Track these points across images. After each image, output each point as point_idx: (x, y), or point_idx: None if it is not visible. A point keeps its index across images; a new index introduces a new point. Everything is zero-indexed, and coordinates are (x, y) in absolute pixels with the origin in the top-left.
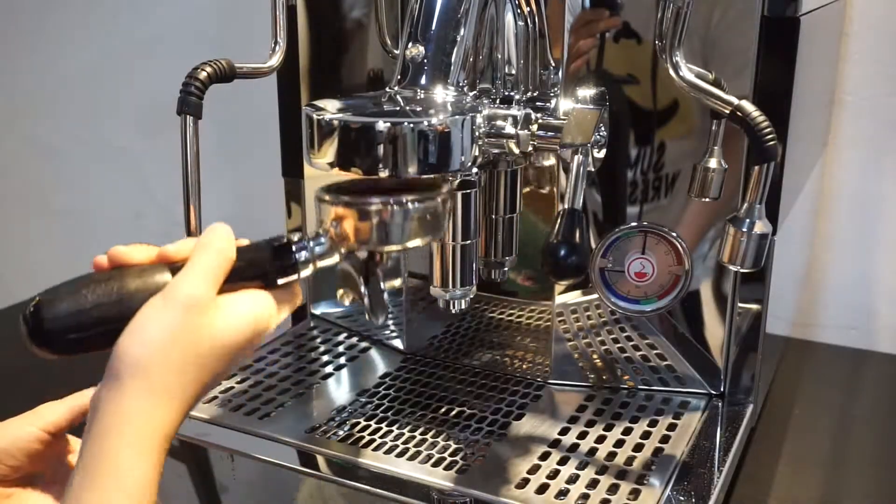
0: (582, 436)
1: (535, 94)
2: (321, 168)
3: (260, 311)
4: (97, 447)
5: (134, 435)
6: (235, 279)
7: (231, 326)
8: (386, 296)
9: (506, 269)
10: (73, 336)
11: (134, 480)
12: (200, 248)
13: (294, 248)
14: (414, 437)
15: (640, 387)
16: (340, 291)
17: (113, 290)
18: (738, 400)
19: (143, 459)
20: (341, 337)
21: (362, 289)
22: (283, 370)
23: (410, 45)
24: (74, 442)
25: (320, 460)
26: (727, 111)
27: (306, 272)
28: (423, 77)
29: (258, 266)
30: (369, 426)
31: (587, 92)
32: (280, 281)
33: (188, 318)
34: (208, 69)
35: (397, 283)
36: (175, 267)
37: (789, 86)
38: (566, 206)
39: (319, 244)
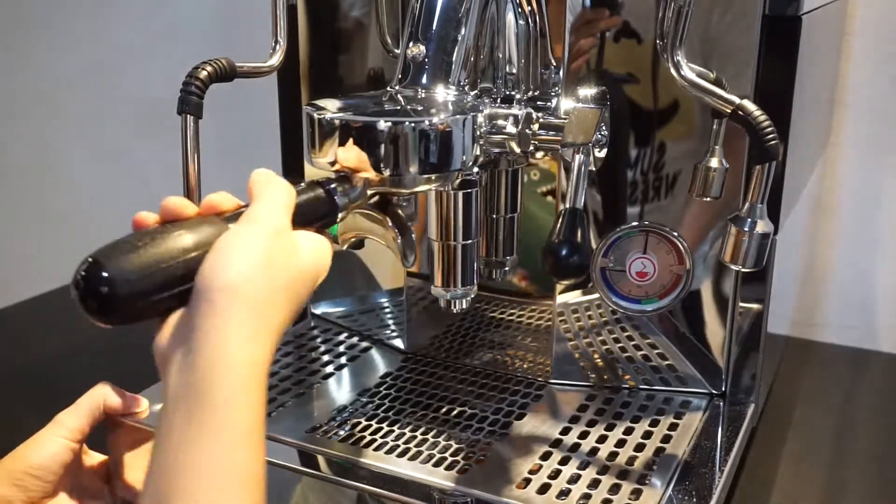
0: (583, 435)
1: (536, 94)
2: (322, 167)
3: (326, 247)
4: (201, 383)
5: (241, 367)
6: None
7: (311, 255)
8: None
9: (507, 268)
10: (141, 302)
11: (248, 419)
12: (267, 185)
13: (336, 194)
14: (415, 437)
15: (641, 386)
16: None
17: (178, 245)
18: (740, 399)
19: (252, 395)
20: (342, 336)
21: (395, 232)
22: (284, 370)
23: (411, 44)
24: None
25: (321, 460)
26: (728, 110)
27: (342, 216)
28: (424, 76)
29: (309, 211)
30: (370, 426)
31: (588, 91)
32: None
33: (276, 243)
34: (209, 68)
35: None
36: (229, 217)
37: (791, 85)
38: (567, 206)
39: (354, 189)
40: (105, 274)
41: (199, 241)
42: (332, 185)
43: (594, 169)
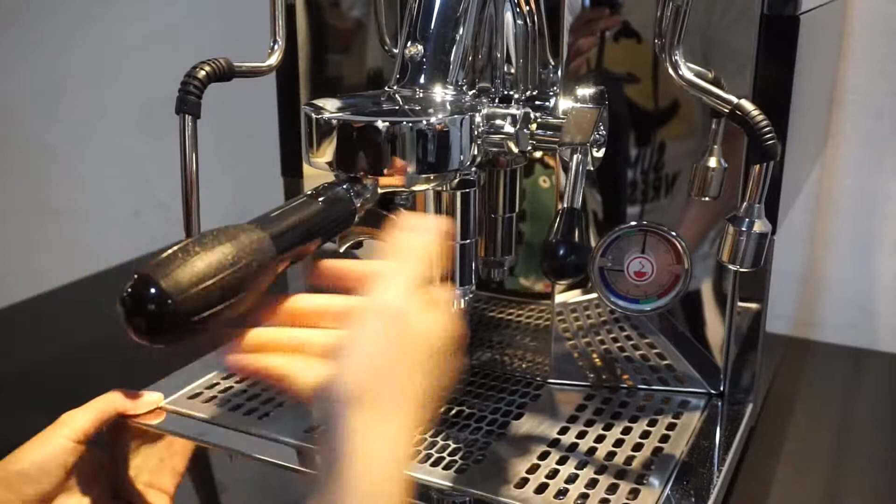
0: (581, 435)
1: (534, 94)
2: (320, 167)
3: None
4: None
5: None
6: (304, 239)
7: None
8: None
9: (505, 267)
10: (188, 319)
11: None
12: (407, 257)
13: (352, 195)
14: (413, 437)
15: (639, 386)
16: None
17: (220, 258)
18: (738, 399)
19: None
20: None
21: None
22: None
23: (409, 43)
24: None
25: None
26: (727, 110)
27: (356, 218)
28: (422, 76)
29: (321, 220)
30: None
31: (586, 91)
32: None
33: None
34: (207, 68)
35: None
36: (264, 224)
37: (789, 84)
38: (565, 206)
39: (366, 189)
40: (153, 290)
41: (240, 251)
42: (346, 186)
43: (592, 169)
